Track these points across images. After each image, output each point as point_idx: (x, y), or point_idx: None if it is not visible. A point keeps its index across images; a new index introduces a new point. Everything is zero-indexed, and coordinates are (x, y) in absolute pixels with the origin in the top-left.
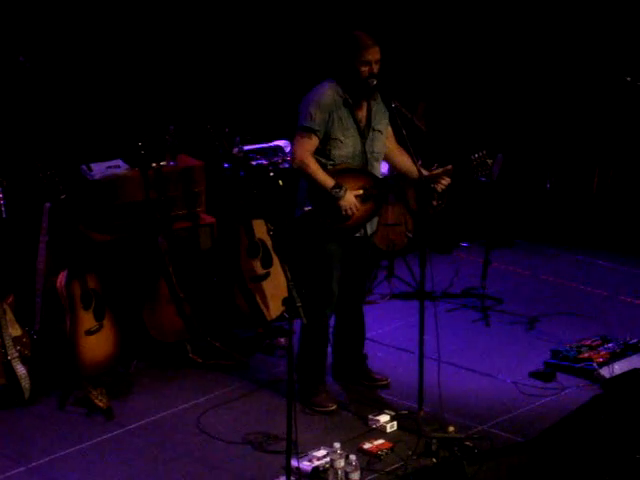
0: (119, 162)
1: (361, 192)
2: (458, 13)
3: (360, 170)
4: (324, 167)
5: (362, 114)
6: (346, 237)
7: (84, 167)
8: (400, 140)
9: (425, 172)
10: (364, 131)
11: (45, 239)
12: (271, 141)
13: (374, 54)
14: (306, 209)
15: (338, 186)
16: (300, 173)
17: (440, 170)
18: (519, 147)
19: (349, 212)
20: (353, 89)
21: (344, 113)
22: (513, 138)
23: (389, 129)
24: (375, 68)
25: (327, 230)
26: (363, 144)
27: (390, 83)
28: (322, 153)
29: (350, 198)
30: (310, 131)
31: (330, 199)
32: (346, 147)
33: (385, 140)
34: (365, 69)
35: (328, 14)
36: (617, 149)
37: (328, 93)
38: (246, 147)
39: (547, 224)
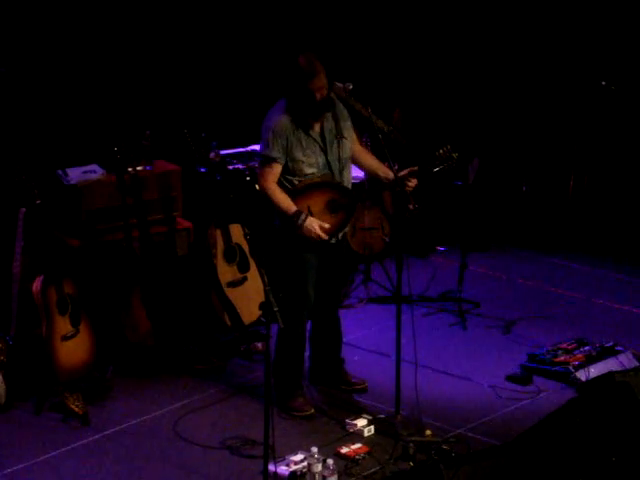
0: (95, 167)
1: (328, 226)
2: (433, 19)
3: (326, 183)
4: (292, 184)
5: (318, 129)
6: (320, 246)
7: (60, 172)
8: (376, 145)
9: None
10: (324, 144)
11: (20, 244)
12: (247, 145)
13: (318, 81)
14: (276, 224)
15: (297, 214)
16: (266, 200)
17: (405, 171)
18: (495, 151)
19: (314, 237)
20: (303, 111)
21: (300, 134)
22: (489, 142)
23: (352, 133)
24: (318, 95)
25: (301, 240)
26: (326, 157)
27: (366, 90)
28: (289, 172)
29: (310, 224)
30: (270, 160)
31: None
32: (310, 165)
33: (350, 144)
34: (310, 95)
35: (303, 19)
36: (593, 152)
37: (282, 119)
38: (223, 151)
39: (523, 228)
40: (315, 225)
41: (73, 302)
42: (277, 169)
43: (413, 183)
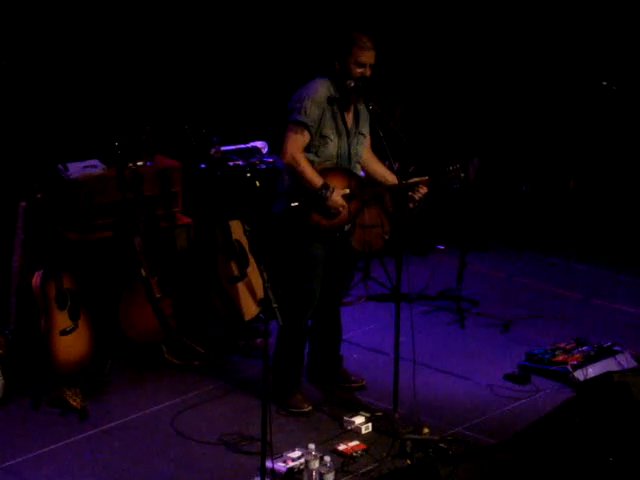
0: (96, 162)
1: (348, 191)
2: (435, 16)
3: (347, 170)
4: (310, 163)
5: (350, 115)
6: (329, 236)
7: (60, 166)
8: (378, 143)
9: (402, 181)
10: (350, 132)
11: (20, 238)
12: (248, 142)
13: (369, 57)
14: (293, 204)
15: (326, 186)
16: (289, 169)
17: (417, 179)
18: (496, 150)
19: (336, 212)
20: (344, 88)
21: (336, 112)
22: (490, 141)
23: (368, 137)
24: (367, 71)
25: (311, 228)
26: (349, 145)
27: (368, 86)
28: (310, 150)
29: (337, 198)
30: (304, 126)
31: (317, 198)
32: (334, 146)
33: (365, 145)
34: (358, 70)
35: (304, 17)
36: (593, 153)
37: (322, 90)
38: (223, 148)
39: (523, 227)
40: (340, 201)
41: (72, 297)
42: (307, 138)
43: (423, 191)
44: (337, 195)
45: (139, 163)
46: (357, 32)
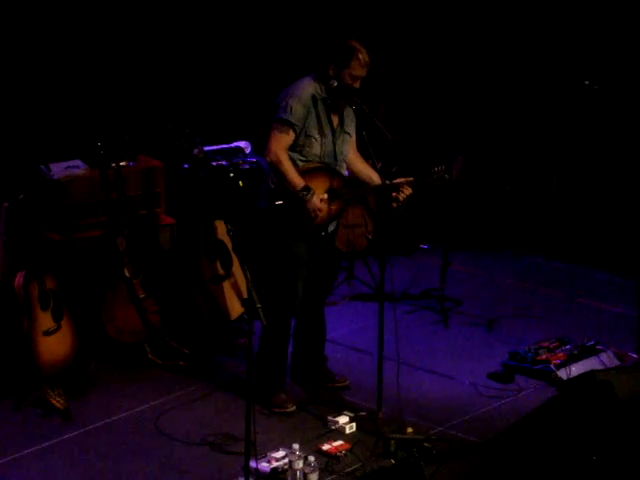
0: (78, 162)
1: (326, 196)
2: (418, 15)
3: (330, 169)
4: (294, 162)
5: (336, 115)
6: (312, 236)
7: (43, 167)
8: (360, 141)
9: (386, 181)
10: (336, 132)
11: (2, 239)
12: (231, 142)
13: (365, 72)
14: (277, 203)
15: (306, 189)
16: (272, 167)
17: (402, 180)
18: (479, 149)
19: (312, 215)
20: (330, 88)
21: (322, 112)
22: (473, 140)
23: (354, 137)
24: (358, 84)
25: (294, 227)
26: (334, 144)
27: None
28: (294, 149)
29: (316, 202)
30: (289, 125)
31: (298, 199)
32: (319, 146)
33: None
34: (351, 82)
35: (287, 17)
36: (575, 152)
37: (309, 89)
38: (206, 148)
39: (506, 226)
40: (317, 205)
41: (55, 297)
42: (291, 137)
43: (408, 191)
44: (316, 199)
45: (122, 163)
46: (358, 43)
